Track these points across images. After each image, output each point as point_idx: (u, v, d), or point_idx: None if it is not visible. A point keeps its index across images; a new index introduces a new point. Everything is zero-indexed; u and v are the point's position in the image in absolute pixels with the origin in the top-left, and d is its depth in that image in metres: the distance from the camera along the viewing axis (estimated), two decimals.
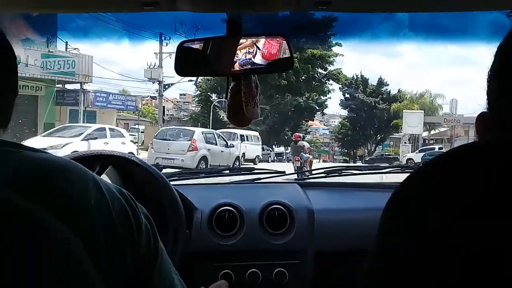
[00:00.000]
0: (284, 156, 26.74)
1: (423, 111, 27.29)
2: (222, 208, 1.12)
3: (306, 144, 11.27)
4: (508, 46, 0.45)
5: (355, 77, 33.37)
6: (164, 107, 20.36)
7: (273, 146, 28.19)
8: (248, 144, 18.71)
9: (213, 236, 1.10)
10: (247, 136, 19.28)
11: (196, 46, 0.95)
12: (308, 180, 1.42)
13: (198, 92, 25.80)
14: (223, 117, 26.64)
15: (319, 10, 0.85)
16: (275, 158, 26.16)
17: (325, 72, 26.46)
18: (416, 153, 23.70)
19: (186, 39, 0.95)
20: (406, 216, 0.40)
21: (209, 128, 22.62)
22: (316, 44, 22.79)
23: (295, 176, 1.44)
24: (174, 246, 0.98)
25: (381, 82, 33.53)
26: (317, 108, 29.50)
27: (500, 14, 0.98)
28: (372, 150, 32.86)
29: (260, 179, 1.44)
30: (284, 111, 26.60)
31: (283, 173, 1.49)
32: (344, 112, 35.85)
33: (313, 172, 1.46)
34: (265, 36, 0.93)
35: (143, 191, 1.03)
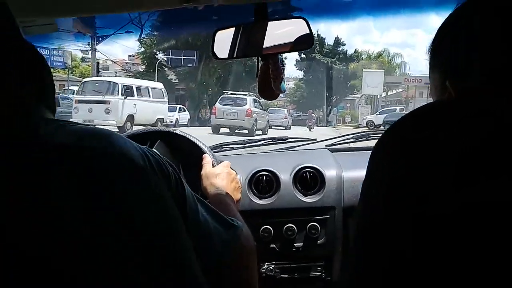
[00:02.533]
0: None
1: (383, 70, 27.02)
2: (260, 173, 1.33)
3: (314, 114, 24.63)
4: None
5: None
6: (98, 62, 18.82)
7: None
8: (139, 101, 13.54)
9: (253, 197, 1.31)
10: (138, 89, 14.00)
11: (229, 31, 1.14)
12: (337, 146, 1.63)
13: (143, 49, 24.80)
14: (172, 78, 25.63)
15: None
16: None
17: None
18: (377, 115, 24.11)
19: (220, 27, 1.16)
20: (377, 169, 0.48)
21: None
22: None
23: (326, 142, 1.64)
24: None
25: (337, 42, 33.95)
26: None
27: None
28: (327, 112, 33.95)
29: (293, 147, 1.66)
30: (237, 71, 25.96)
31: (314, 140, 1.72)
32: (300, 74, 36.27)
33: (343, 138, 1.66)
34: (287, 19, 1.12)
35: (189, 161, 1.23)
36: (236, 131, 14.12)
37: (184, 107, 21.50)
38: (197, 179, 1.10)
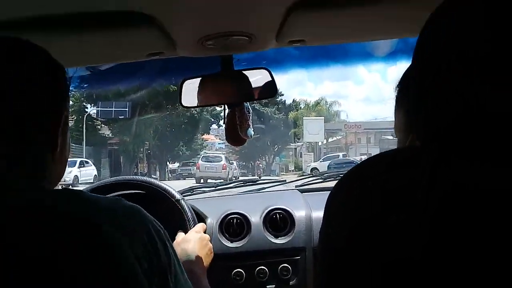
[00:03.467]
0: (177, 173, 26.47)
1: (323, 117, 28.23)
2: (231, 216, 1.39)
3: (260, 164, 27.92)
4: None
5: None
6: None
7: (167, 162, 27.35)
8: None
9: (223, 240, 1.35)
10: None
11: (196, 81, 1.23)
12: (306, 186, 1.73)
13: (71, 102, 23.78)
14: (104, 133, 24.68)
15: (295, 46, 1.15)
16: (170, 176, 25.67)
17: None
18: (320, 161, 24.48)
19: (187, 76, 1.25)
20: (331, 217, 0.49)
21: (83, 144, 20.67)
22: None
23: (295, 183, 1.74)
24: None
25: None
26: (212, 120, 29.32)
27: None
28: (270, 161, 34.73)
29: (264, 188, 1.75)
30: (176, 123, 25.66)
31: (284, 181, 1.83)
32: None
33: (312, 178, 1.78)
34: (251, 69, 1.23)
35: (156, 208, 1.29)
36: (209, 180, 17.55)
37: (88, 161, 19.34)
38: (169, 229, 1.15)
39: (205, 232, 1.29)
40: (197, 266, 1.07)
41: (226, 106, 1.27)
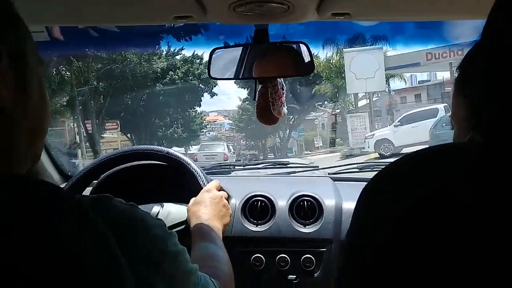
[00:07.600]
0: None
1: (381, 46, 18.55)
2: (255, 198, 1.51)
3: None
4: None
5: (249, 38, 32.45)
6: None
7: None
8: None
9: (246, 223, 1.48)
10: None
11: (227, 51, 1.38)
12: (340, 175, 1.82)
13: None
14: None
15: (338, 19, 1.25)
16: None
17: None
18: (395, 126, 15.99)
19: (219, 46, 1.33)
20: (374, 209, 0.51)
21: None
22: None
23: (328, 170, 1.82)
24: None
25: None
26: (202, 86, 25.24)
27: None
28: (286, 137, 28.33)
29: (294, 172, 1.85)
30: (152, 99, 22.76)
31: (316, 167, 1.93)
32: (243, 93, 30.32)
33: (347, 166, 1.88)
34: (288, 43, 1.36)
35: (182, 183, 1.46)
36: None
37: None
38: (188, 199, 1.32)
39: (220, 190, 1.40)
40: (210, 227, 1.21)
41: (257, 81, 1.38)
